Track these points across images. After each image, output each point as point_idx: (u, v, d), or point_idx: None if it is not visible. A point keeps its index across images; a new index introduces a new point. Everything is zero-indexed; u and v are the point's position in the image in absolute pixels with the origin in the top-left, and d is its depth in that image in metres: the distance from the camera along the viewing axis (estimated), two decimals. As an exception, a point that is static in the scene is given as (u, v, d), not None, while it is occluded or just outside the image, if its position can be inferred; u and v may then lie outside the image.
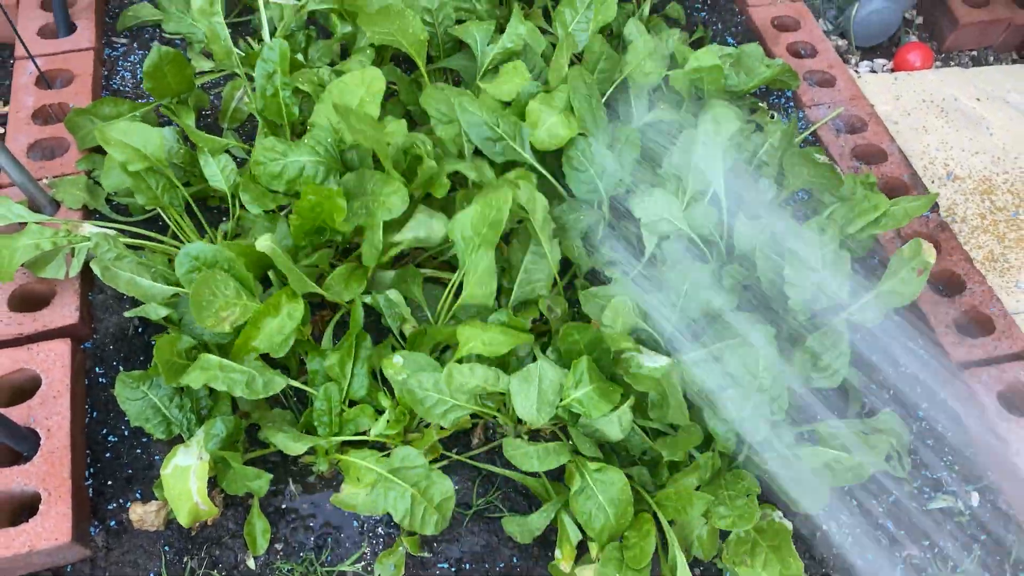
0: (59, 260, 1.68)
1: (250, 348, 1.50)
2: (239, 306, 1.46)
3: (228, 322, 1.44)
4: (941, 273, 1.96)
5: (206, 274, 1.42)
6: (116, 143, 1.68)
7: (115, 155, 1.67)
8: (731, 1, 2.55)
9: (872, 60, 2.58)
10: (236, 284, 1.47)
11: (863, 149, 2.19)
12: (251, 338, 1.49)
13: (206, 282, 1.42)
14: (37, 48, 2.10)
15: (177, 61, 1.84)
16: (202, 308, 1.41)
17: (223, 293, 1.45)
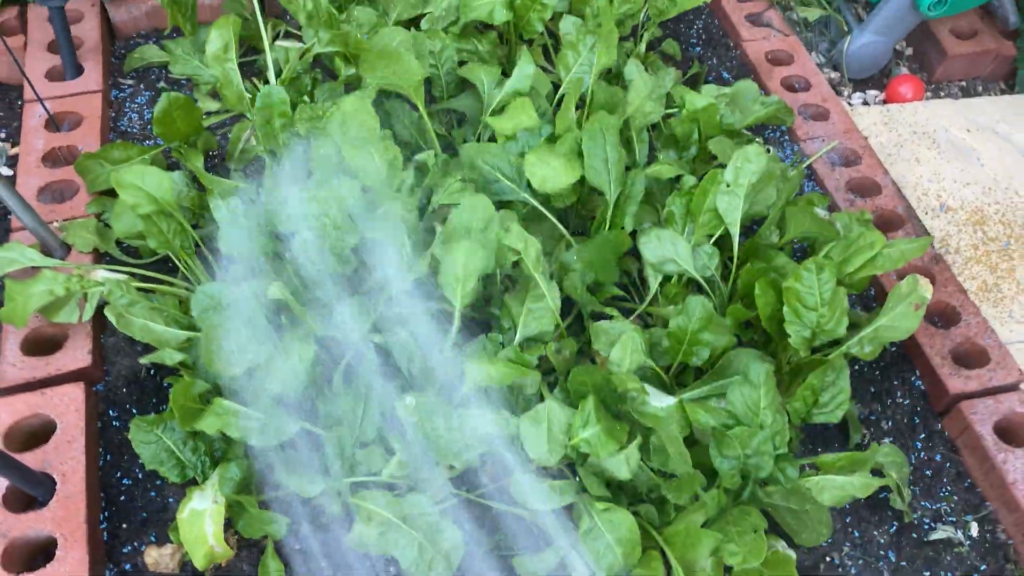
0: (72, 305, 1.70)
1: (264, 391, 1.52)
2: (249, 352, 1.49)
3: (239, 367, 1.47)
4: (936, 304, 2.00)
5: (216, 320, 1.45)
6: (129, 186, 1.71)
7: (127, 198, 1.70)
8: (725, 36, 2.60)
9: (864, 92, 2.64)
10: (247, 329, 1.50)
11: (858, 182, 2.23)
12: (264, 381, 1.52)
13: (216, 329, 1.45)
14: (45, 91, 2.13)
15: (186, 106, 1.87)
16: (212, 354, 1.44)
17: (234, 340, 1.48)
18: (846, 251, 1.74)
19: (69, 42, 2.13)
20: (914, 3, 2.43)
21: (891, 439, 1.84)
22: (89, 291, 1.69)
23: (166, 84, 2.26)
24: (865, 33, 2.54)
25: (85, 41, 2.25)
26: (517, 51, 2.31)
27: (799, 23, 2.71)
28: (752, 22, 2.60)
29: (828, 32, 2.70)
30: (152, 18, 2.38)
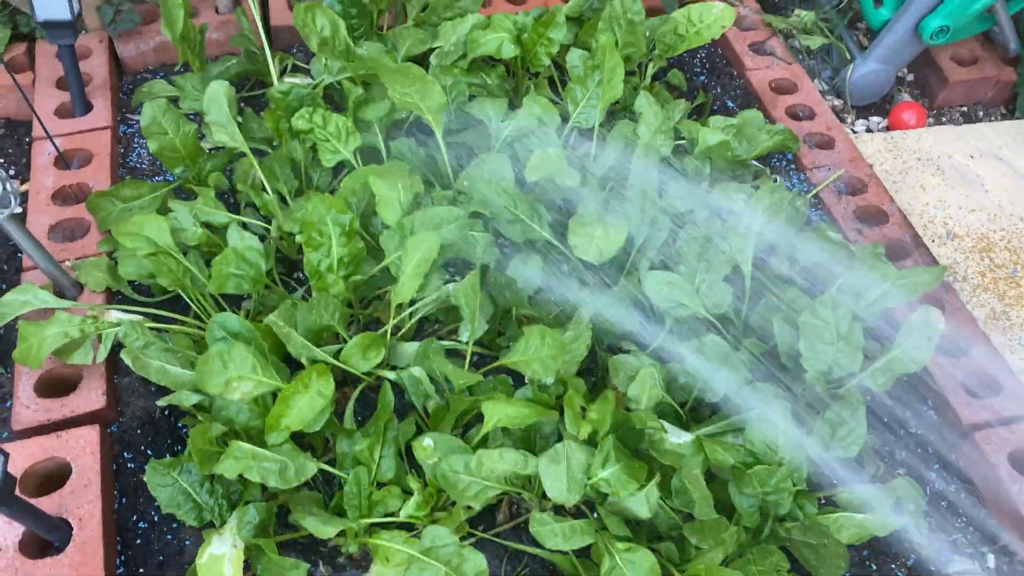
0: (86, 346, 1.70)
1: (282, 427, 1.52)
2: (253, 381, 1.49)
3: (239, 392, 1.47)
4: (946, 333, 2.00)
5: (220, 347, 1.46)
6: (128, 234, 1.72)
7: (127, 243, 1.71)
8: (729, 65, 2.62)
9: (867, 118, 2.66)
10: (254, 360, 1.50)
11: (865, 211, 2.25)
12: (282, 415, 1.52)
13: (219, 354, 1.46)
14: (54, 128, 2.13)
15: (172, 115, 1.87)
16: (210, 375, 1.45)
17: (239, 366, 1.49)
18: (859, 284, 1.75)
19: (78, 79, 2.14)
20: (917, 31, 2.45)
21: (905, 470, 1.84)
22: (103, 332, 1.69)
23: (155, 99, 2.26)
24: (868, 61, 2.56)
25: (93, 77, 2.26)
26: (524, 84, 2.33)
27: (801, 51, 2.73)
28: (755, 51, 2.62)
29: (830, 60, 2.72)
30: (160, 53, 2.39)
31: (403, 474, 1.61)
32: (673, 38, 2.25)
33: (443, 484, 1.51)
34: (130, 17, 2.30)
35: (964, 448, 1.86)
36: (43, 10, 2.01)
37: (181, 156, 1.90)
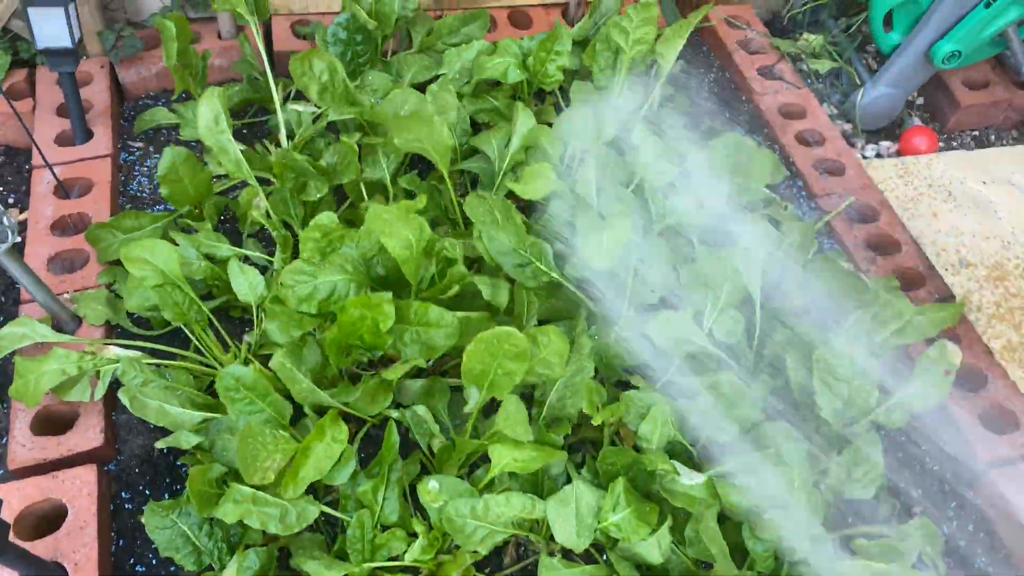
0: (84, 383, 1.66)
1: (299, 479, 1.47)
2: (279, 452, 1.46)
3: (272, 471, 1.43)
4: (962, 367, 1.96)
5: (246, 430, 1.42)
6: (137, 260, 1.68)
7: (135, 272, 1.68)
8: (737, 89, 2.59)
9: (878, 143, 2.62)
10: (272, 430, 1.47)
11: (877, 239, 2.21)
12: (300, 467, 1.48)
13: (248, 438, 1.42)
14: (54, 156, 2.10)
15: (191, 162, 1.85)
16: (248, 465, 1.42)
17: (264, 445, 1.45)
18: (874, 319, 1.71)
19: (79, 106, 2.11)
20: (928, 56, 2.42)
21: (922, 509, 1.79)
22: (102, 369, 1.65)
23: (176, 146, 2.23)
24: (878, 85, 2.53)
25: (94, 104, 2.23)
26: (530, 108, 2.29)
27: (810, 75, 2.70)
28: (763, 75, 2.59)
29: (840, 84, 2.69)
30: (162, 79, 2.36)
31: (407, 516, 1.57)
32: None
33: (449, 529, 1.47)
34: (131, 43, 2.27)
35: (982, 486, 1.81)
36: (43, 38, 1.98)
37: (191, 197, 1.87)
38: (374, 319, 1.58)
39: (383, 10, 2.09)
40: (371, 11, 2.09)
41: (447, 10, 2.52)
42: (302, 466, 1.48)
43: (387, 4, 2.08)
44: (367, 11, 2.09)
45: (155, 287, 1.68)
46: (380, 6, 2.09)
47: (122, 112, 2.33)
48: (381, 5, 2.09)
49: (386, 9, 2.09)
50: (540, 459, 1.50)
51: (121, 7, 2.36)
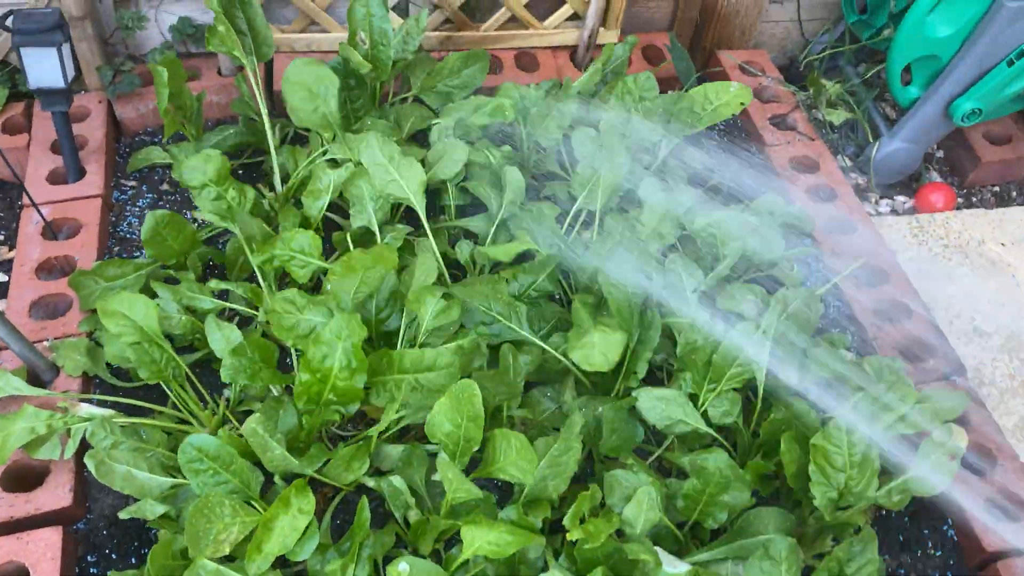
0: (54, 441, 1.62)
1: (263, 554, 1.42)
2: (237, 524, 1.40)
3: (228, 544, 1.38)
4: (970, 447, 1.87)
5: (200, 503, 1.37)
6: (114, 314, 1.64)
7: (111, 327, 1.64)
8: (748, 140, 2.51)
9: (892, 198, 2.54)
10: (232, 502, 1.41)
11: (886, 304, 2.13)
12: (263, 542, 1.42)
13: (201, 511, 1.36)
14: (45, 194, 2.08)
15: (175, 223, 1.81)
16: (198, 539, 1.35)
17: (220, 516, 1.39)
18: (875, 404, 1.63)
19: (72, 145, 2.08)
20: (947, 112, 2.34)
21: (921, 600, 1.71)
22: (72, 427, 1.61)
23: (169, 187, 2.20)
24: (895, 140, 2.44)
25: (89, 140, 2.20)
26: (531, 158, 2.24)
27: (824, 124, 2.62)
28: (776, 125, 2.51)
29: (855, 136, 2.61)
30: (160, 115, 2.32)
31: (379, 593, 1.51)
32: (689, 116, 2.15)
33: (417, 616, 1.41)
34: (130, 80, 2.24)
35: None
36: (36, 78, 1.95)
37: (176, 252, 1.84)
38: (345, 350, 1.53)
39: (379, 56, 2.04)
40: (367, 55, 2.05)
41: (452, 50, 2.47)
42: (266, 540, 1.43)
43: (383, 50, 2.04)
44: (364, 55, 2.04)
45: (132, 344, 1.64)
46: (376, 51, 2.04)
47: (118, 148, 2.30)
48: (377, 50, 2.04)
49: (382, 55, 2.04)
50: (515, 544, 1.43)
51: (122, 41, 2.33)
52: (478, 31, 2.46)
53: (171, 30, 2.34)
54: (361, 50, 2.04)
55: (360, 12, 2.04)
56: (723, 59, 2.64)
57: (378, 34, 2.03)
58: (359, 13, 2.04)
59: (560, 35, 2.52)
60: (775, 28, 2.75)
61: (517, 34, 2.50)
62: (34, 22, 1.89)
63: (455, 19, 2.42)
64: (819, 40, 2.75)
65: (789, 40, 2.80)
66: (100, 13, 2.26)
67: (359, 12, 2.04)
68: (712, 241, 1.93)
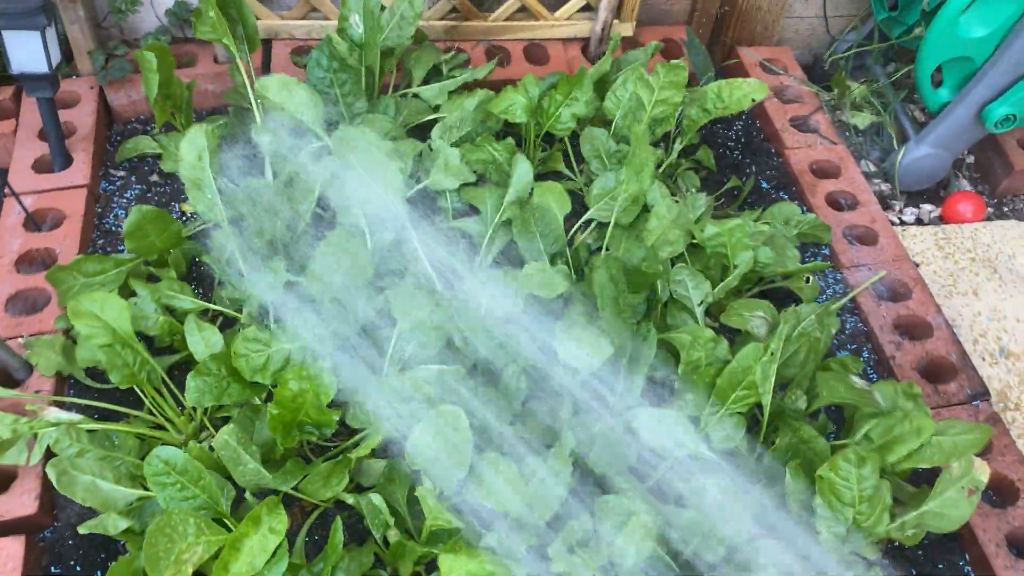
0: (20, 446, 1.55)
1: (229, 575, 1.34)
2: (202, 543, 1.32)
3: (191, 564, 1.29)
4: (992, 477, 1.75)
5: (161, 521, 1.28)
6: (85, 315, 1.56)
7: (82, 329, 1.56)
8: (767, 141, 2.39)
9: (918, 206, 2.41)
10: (199, 520, 1.33)
11: (907, 320, 2.01)
12: (230, 562, 1.34)
13: (163, 529, 1.28)
14: (30, 183, 2.00)
15: (160, 219, 1.73)
16: (158, 560, 1.27)
17: (184, 535, 1.31)
18: (888, 433, 1.52)
19: (58, 133, 2.00)
20: (979, 117, 2.20)
21: (934, 645, 1.60)
22: (39, 432, 1.54)
23: (159, 178, 2.12)
24: (922, 145, 2.31)
25: (78, 128, 2.12)
26: (536, 156, 2.13)
27: (848, 127, 2.49)
28: (797, 127, 2.39)
29: (880, 140, 2.48)
30: (152, 103, 2.24)
31: (350, 624, 1.43)
32: (699, 113, 2.03)
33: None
34: (122, 65, 2.16)
35: (1004, 623, 1.61)
36: (18, 62, 1.88)
37: (157, 249, 1.75)
38: (315, 392, 1.45)
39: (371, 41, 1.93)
40: (360, 40, 1.94)
41: (458, 40, 2.37)
42: (233, 560, 1.34)
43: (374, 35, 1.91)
44: (357, 40, 1.93)
45: (103, 346, 1.56)
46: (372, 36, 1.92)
47: (109, 136, 2.22)
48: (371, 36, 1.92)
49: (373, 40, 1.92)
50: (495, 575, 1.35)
51: (115, 25, 2.25)
52: (485, 21, 2.36)
53: (167, 14, 2.26)
54: (355, 33, 1.93)
55: (352, -8, 1.94)
56: (744, 56, 2.52)
57: (370, 16, 1.92)
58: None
59: (572, 27, 2.41)
60: (799, 24, 2.61)
61: (527, 24, 2.39)
62: (16, 3, 1.81)
63: (461, 8, 2.32)
64: (845, 38, 2.62)
65: (814, 37, 2.66)
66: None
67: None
68: (722, 251, 1.82)
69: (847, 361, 1.68)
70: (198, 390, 1.50)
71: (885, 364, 1.94)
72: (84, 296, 1.58)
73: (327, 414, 1.46)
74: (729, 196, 2.23)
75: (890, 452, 1.48)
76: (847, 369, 1.66)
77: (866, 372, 1.93)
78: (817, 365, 1.63)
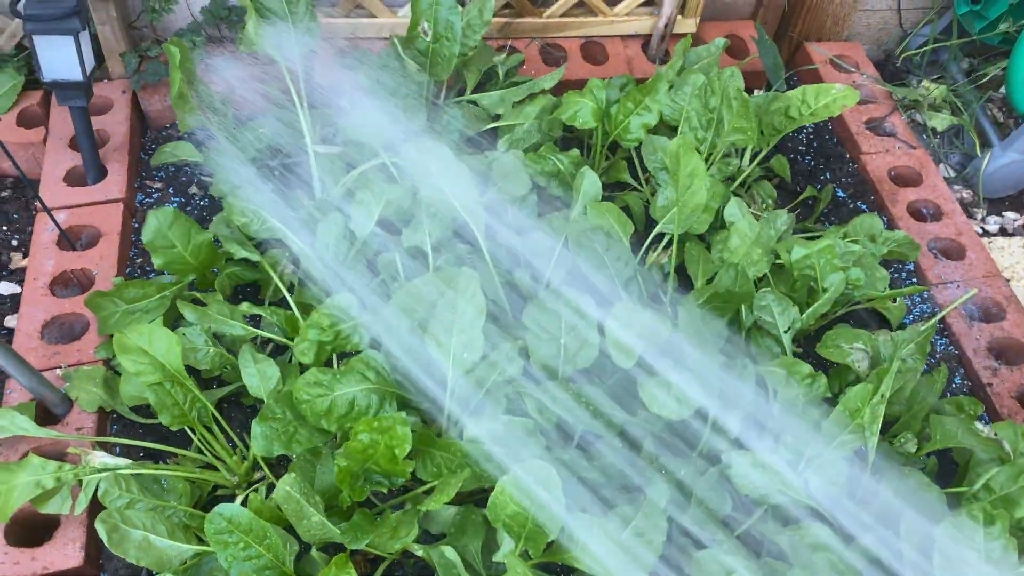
0: (64, 494, 1.43)
1: None
2: None
3: None
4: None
5: None
6: (133, 351, 1.45)
7: (129, 366, 1.44)
8: (841, 145, 2.24)
9: (1002, 214, 2.26)
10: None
11: (1002, 344, 1.87)
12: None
13: None
14: (62, 197, 1.88)
15: (182, 225, 1.59)
16: None
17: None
18: (1014, 483, 1.38)
19: (91, 143, 1.87)
20: (1073, 122, 2.05)
21: None
22: (84, 479, 1.42)
23: (198, 189, 1.99)
24: (1009, 151, 2.16)
25: (112, 135, 1.99)
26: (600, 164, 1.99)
27: (926, 129, 2.34)
28: (872, 130, 2.24)
29: (960, 143, 2.32)
30: (184, 107, 2.11)
31: None
32: (783, 120, 1.88)
33: None
34: (155, 68, 2.02)
35: None
36: (51, 69, 1.74)
37: (193, 267, 1.62)
38: (388, 445, 1.32)
39: (442, 51, 1.78)
40: (428, 50, 1.79)
41: (511, 39, 2.22)
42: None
43: (448, 45, 1.77)
44: (424, 49, 1.79)
45: (152, 385, 1.44)
46: (440, 46, 1.77)
47: (143, 144, 2.09)
48: (441, 45, 1.77)
49: (445, 51, 1.78)
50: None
51: (148, 25, 2.11)
52: (540, 17, 2.21)
53: (203, 11, 2.12)
54: (423, 43, 1.78)
55: (426, 0, 1.78)
56: (812, 52, 2.36)
57: (444, 26, 1.76)
58: (424, 1, 1.78)
59: (633, 23, 2.25)
60: (870, 18, 2.45)
61: (584, 21, 2.24)
62: (49, 6, 1.67)
63: (515, 3, 2.17)
64: (920, 32, 2.45)
65: (885, 32, 2.50)
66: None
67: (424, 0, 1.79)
68: (809, 273, 1.68)
69: (964, 402, 1.55)
70: (265, 437, 1.38)
71: (980, 391, 1.80)
72: (131, 329, 1.46)
73: (401, 465, 1.34)
74: (804, 206, 2.08)
75: (1018, 506, 1.35)
76: (962, 410, 1.53)
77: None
78: (931, 406, 1.49)
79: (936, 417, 1.44)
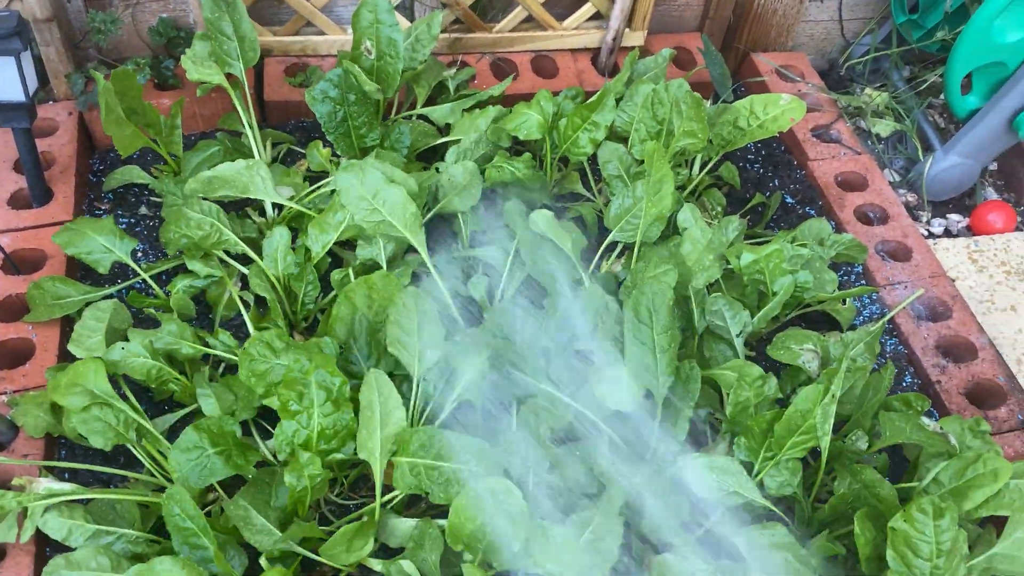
0: (9, 521, 1.40)
1: None
2: None
3: None
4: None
5: None
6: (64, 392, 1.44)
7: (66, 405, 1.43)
8: (788, 153, 2.28)
9: (945, 216, 2.31)
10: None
11: (948, 341, 1.91)
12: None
13: None
14: (7, 221, 1.84)
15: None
16: None
17: None
18: (960, 476, 1.41)
19: (36, 165, 1.84)
20: (1011, 124, 2.11)
21: None
22: (30, 506, 1.39)
23: (147, 210, 1.97)
24: (950, 155, 2.22)
25: (57, 158, 1.96)
26: (552, 176, 2.01)
27: (870, 135, 2.39)
28: (818, 137, 2.28)
29: (903, 148, 2.38)
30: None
31: None
32: (732, 131, 1.92)
33: None
34: (102, 89, 2.00)
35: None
36: (-8, 91, 1.72)
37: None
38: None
39: (387, 68, 1.79)
40: (372, 68, 1.80)
41: (462, 54, 2.24)
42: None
43: (391, 62, 1.78)
44: (369, 68, 1.80)
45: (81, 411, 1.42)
46: (384, 63, 1.79)
47: (91, 166, 2.06)
48: (385, 62, 1.79)
49: (389, 68, 1.79)
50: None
51: (94, 45, 2.09)
52: (491, 32, 2.22)
53: (150, 32, 2.10)
54: (366, 61, 1.79)
55: (367, 18, 1.79)
56: (758, 63, 2.41)
57: (386, 44, 1.78)
58: (365, 19, 1.79)
59: (582, 36, 2.28)
60: (813, 28, 2.51)
61: (534, 36, 2.26)
62: (-12, 27, 1.65)
63: (465, 19, 2.18)
64: (862, 42, 2.52)
65: (828, 42, 2.56)
66: (69, 14, 2.02)
67: (365, 18, 1.79)
68: (759, 278, 1.71)
69: (911, 398, 1.57)
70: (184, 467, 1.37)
71: (929, 388, 1.84)
72: (61, 376, 1.45)
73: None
74: (754, 213, 2.11)
75: (966, 499, 1.37)
76: (911, 407, 1.56)
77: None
78: (880, 403, 1.52)
79: (885, 414, 1.47)
